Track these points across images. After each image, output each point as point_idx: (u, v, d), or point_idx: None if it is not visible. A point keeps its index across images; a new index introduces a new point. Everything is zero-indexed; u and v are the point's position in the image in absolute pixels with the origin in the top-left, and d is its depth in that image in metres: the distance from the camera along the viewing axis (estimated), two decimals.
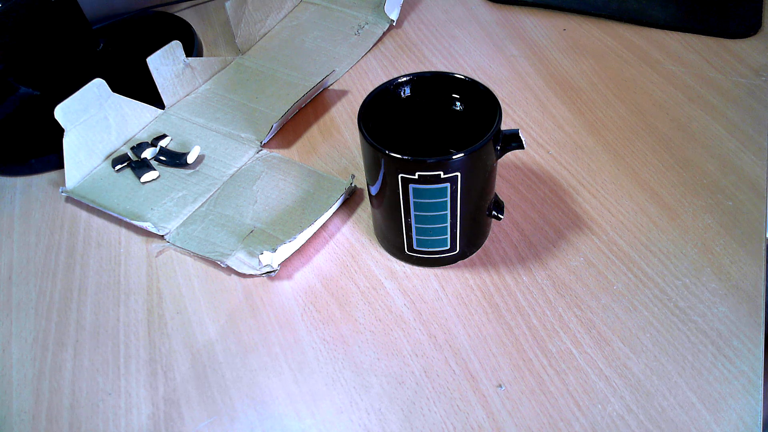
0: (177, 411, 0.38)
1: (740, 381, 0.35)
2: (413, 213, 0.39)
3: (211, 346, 0.41)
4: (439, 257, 0.42)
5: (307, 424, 0.36)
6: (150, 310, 0.43)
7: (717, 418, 0.34)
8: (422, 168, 0.36)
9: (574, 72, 0.57)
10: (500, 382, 0.37)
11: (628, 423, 0.34)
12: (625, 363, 0.37)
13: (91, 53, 0.63)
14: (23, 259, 0.48)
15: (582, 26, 0.62)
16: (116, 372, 0.40)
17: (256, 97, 0.58)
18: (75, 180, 0.52)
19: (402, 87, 0.42)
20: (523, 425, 0.35)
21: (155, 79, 0.55)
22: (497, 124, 0.37)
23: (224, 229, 0.47)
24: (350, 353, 0.39)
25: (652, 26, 0.61)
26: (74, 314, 0.44)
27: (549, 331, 0.39)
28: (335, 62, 0.61)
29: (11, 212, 0.52)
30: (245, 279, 0.44)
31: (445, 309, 0.41)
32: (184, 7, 0.73)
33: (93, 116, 0.52)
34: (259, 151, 0.53)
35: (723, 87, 0.53)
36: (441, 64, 0.60)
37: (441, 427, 0.35)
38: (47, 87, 0.61)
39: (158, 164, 0.53)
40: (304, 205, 0.48)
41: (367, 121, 0.39)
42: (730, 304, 0.39)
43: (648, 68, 0.56)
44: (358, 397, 0.37)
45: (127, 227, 0.49)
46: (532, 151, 0.50)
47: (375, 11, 0.66)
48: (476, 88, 0.40)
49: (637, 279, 0.41)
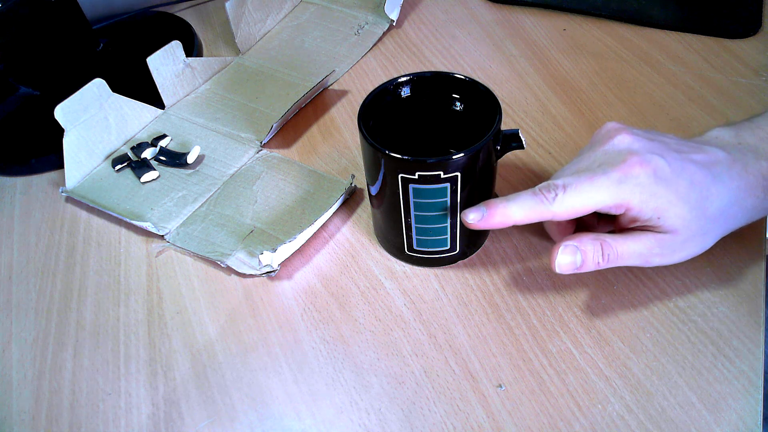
0: (177, 411, 0.38)
1: (740, 381, 0.35)
2: (413, 213, 0.39)
3: (211, 346, 0.41)
4: (439, 257, 0.42)
5: (307, 424, 0.36)
6: (150, 310, 0.43)
7: (717, 418, 0.34)
8: (422, 168, 0.36)
9: (574, 72, 0.57)
10: (500, 382, 0.37)
11: (628, 423, 0.34)
12: (625, 363, 0.37)
13: (91, 53, 0.63)
14: (23, 259, 0.48)
15: (582, 26, 0.62)
16: (116, 372, 0.40)
17: (256, 97, 0.58)
18: (75, 180, 0.52)
19: (402, 87, 0.42)
20: (523, 425, 0.35)
21: (155, 79, 0.55)
22: (497, 124, 0.37)
23: (224, 229, 0.47)
24: (350, 353, 0.39)
25: (652, 26, 0.61)
26: (74, 314, 0.44)
27: (549, 331, 0.39)
28: (335, 62, 0.61)
29: (11, 212, 0.52)
30: (245, 279, 0.44)
31: (445, 309, 0.41)
32: (184, 7, 0.73)
33: (93, 116, 0.52)
34: (259, 151, 0.53)
35: (723, 87, 0.53)
36: (441, 64, 0.60)
37: (441, 427, 0.35)
38: (47, 87, 0.61)
39: (158, 164, 0.53)
40: (304, 205, 0.48)
41: (367, 121, 0.39)
42: (730, 304, 0.39)
43: (648, 68, 0.56)
44: (358, 397, 0.37)
45: (127, 227, 0.49)
46: (532, 151, 0.50)
47: (375, 11, 0.66)
48: (476, 88, 0.40)
49: (637, 279, 0.41)
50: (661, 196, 0.34)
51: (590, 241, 0.36)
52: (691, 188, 0.34)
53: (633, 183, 0.34)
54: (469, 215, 0.36)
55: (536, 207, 0.35)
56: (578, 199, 0.34)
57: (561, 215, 0.35)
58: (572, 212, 0.35)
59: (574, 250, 0.36)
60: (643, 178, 0.34)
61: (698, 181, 0.35)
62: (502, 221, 0.36)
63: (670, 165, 0.34)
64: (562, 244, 0.36)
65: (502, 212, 0.36)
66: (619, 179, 0.34)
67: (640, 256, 0.36)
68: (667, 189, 0.34)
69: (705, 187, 0.35)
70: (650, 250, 0.36)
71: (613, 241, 0.36)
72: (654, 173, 0.34)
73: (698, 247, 0.36)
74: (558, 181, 0.35)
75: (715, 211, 0.35)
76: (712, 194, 0.35)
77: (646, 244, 0.36)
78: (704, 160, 0.35)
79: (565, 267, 0.36)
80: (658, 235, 0.35)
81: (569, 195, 0.34)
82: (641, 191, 0.34)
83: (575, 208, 0.35)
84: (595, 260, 0.36)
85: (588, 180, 0.35)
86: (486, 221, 0.36)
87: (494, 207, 0.36)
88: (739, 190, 0.35)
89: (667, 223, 0.35)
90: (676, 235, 0.35)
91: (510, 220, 0.36)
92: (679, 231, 0.35)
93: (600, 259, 0.36)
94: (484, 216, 0.36)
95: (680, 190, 0.34)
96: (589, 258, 0.36)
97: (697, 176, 0.35)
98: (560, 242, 0.36)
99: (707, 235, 0.36)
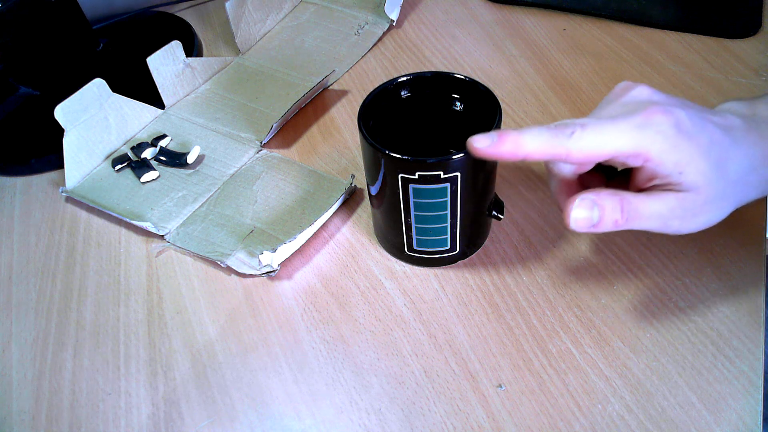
0: (177, 411, 0.38)
1: (740, 381, 0.35)
2: (413, 213, 0.39)
3: (211, 346, 0.41)
4: (439, 257, 0.42)
5: (307, 424, 0.36)
6: (150, 310, 0.43)
7: (717, 418, 0.34)
8: (422, 168, 0.36)
9: (574, 72, 0.57)
10: (500, 382, 0.37)
11: (628, 423, 0.34)
12: (625, 363, 0.37)
13: (91, 53, 0.63)
14: (23, 259, 0.48)
15: (582, 26, 0.62)
16: (116, 372, 0.40)
17: (256, 97, 0.58)
18: (75, 180, 0.52)
19: (402, 87, 0.42)
20: (523, 425, 0.35)
21: (155, 79, 0.55)
22: (497, 124, 0.37)
23: (224, 229, 0.47)
24: (350, 353, 0.39)
25: (652, 26, 0.61)
26: (74, 314, 0.44)
27: (549, 331, 0.39)
28: (335, 62, 0.61)
29: (11, 212, 0.52)
30: (245, 279, 0.44)
31: (445, 309, 0.41)
32: (184, 7, 0.73)
33: (93, 116, 0.52)
34: (259, 151, 0.53)
35: (723, 87, 0.53)
36: (441, 64, 0.60)
37: (441, 427, 0.35)
38: (47, 87, 0.61)
39: (158, 164, 0.53)
40: (304, 205, 0.48)
41: (367, 121, 0.39)
42: (730, 304, 0.39)
43: (648, 68, 0.56)
44: (358, 397, 0.37)
45: (127, 227, 0.49)
46: None
47: (375, 11, 0.66)
48: (476, 88, 0.40)
49: (637, 279, 0.41)
50: (683, 149, 0.32)
51: (609, 196, 0.33)
52: (712, 146, 0.33)
53: (654, 130, 0.32)
54: (477, 140, 0.33)
55: (551, 140, 0.32)
56: (597, 139, 0.32)
57: (575, 154, 0.32)
58: (588, 153, 0.32)
59: (591, 204, 0.33)
60: (665, 126, 0.32)
61: (718, 141, 0.33)
62: (512, 150, 0.33)
63: (690, 119, 0.33)
64: (578, 197, 0.33)
65: (514, 140, 0.33)
66: (640, 124, 0.32)
67: (660, 218, 0.34)
68: (689, 142, 0.32)
69: (724, 147, 0.33)
70: (671, 211, 0.33)
71: (633, 197, 0.33)
72: (676, 124, 0.32)
73: (717, 212, 0.34)
74: (577, 120, 0.33)
75: (734, 174, 0.33)
76: (731, 156, 0.33)
77: (667, 203, 0.33)
78: (722, 123, 0.34)
79: (581, 222, 0.33)
80: (679, 194, 0.33)
81: (588, 133, 0.32)
82: (663, 140, 0.32)
83: (591, 149, 0.32)
84: (613, 217, 0.33)
85: (609, 121, 0.33)
86: (495, 148, 0.33)
87: (505, 134, 0.33)
88: (756, 157, 0.34)
89: (689, 179, 0.32)
90: (698, 193, 0.33)
91: (521, 150, 0.32)
92: (701, 189, 0.33)
93: (618, 216, 0.33)
94: (493, 142, 0.33)
95: (702, 145, 0.32)
96: (608, 214, 0.33)
97: (716, 136, 0.33)
98: (576, 195, 0.33)
99: (726, 200, 0.34)
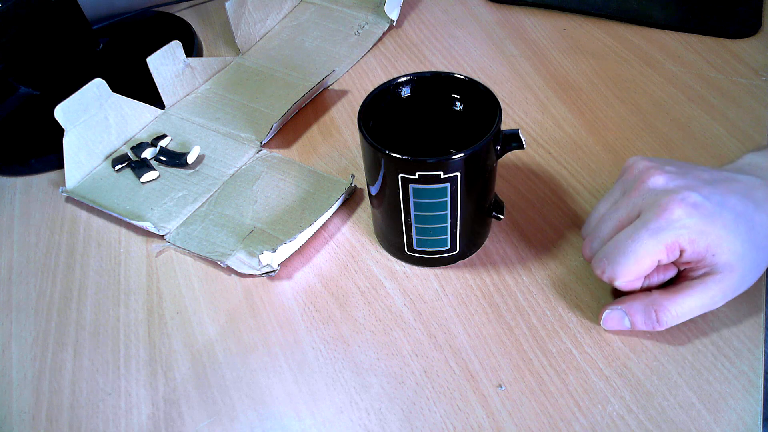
0: (177, 411, 0.38)
1: (740, 381, 0.35)
2: (413, 213, 0.39)
3: (211, 346, 0.41)
4: (439, 257, 0.42)
5: (307, 424, 0.36)
6: (150, 310, 0.43)
7: (717, 418, 0.34)
8: (422, 168, 0.36)
9: (574, 72, 0.57)
10: (500, 382, 0.37)
11: (628, 423, 0.34)
12: (625, 363, 0.37)
13: (91, 53, 0.63)
14: (23, 259, 0.48)
15: (582, 26, 0.62)
16: (116, 372, 0.40)
17: (256, 97, 0.58)
18: (75, 180, 0.52)
19: (402, 87, 0.42)
20: (523, 425, 0.35)
21: (155, 79, 0.55)
22: (497, 124, 0.37)
23: (224, 229, 0.47)
24: (350, 353, 0.39)
25: (652, 26, 0.61)
26: (74, 314, 0.44)
27: (549, 331, 0.39)
28: (335, 62, 0.61)
29: (11, 212, 0.52)
30: (245, 279, 0.44)
31: (445, 309, 0.41)
32: (184, 7, 0.73)
33: (93, 116, 0.52)
34: (259, 151, 0.53)
35: (723, 87, 0.53)
36: (441, 64, 0.60)
37: (441, 427, 0.35)
38: (47, 87, 0.61)
39: (158, 164, 0.53)
40: (304, 205, 0.48)
41: (367, 121, 0.39)
42: (730, 304, 0.38)
43: (648, 68, 0.56)
44: (358, 397, 0.37)
45: (127, 227, 0.49)
46: (532, 151, 0.50)
47: (375, 11, 0.66)
48: (476, 88, 0.40)
49: None
50: (709, 233, 0.33)
51: (642, 308, 0.36)
52: (738, 220, 0.33)
53: (679, 225, 0.33)
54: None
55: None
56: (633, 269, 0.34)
57: (623, 287, 0.36)
58: (631, 281, 0.35)
59: (621, 317, 0.36)
60: (686, 219, 0.33)
61: (741, 212, 0.33)
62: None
63: (709, 199, 0.33)
64: (608, 308, 0.36)
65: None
66: (664, 226, 0.33)
67: (703, 308, 0.35)
68: (713, 225, 0.33)
69: (749, 216, 0.34)
70: (712, 299, 0.35)
71: (668, 301, 0.35)
72: (696, 212, 0.33)
73: (752, 278, 0.35)
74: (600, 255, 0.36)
75: (763, 239, 0.34)
76: (756, 222, 0.34)
77: (707, 292, 0.34)
78: (742, 190, 0.34)
79: (612, 328, 0.37)
80: (716, 277, 0.34)
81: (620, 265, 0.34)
82: (688, 233, 0.33)
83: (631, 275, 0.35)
84: (648, 326, 0.36)
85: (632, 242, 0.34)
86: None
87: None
88: None
89: (722, 259, 0.33)
90: (732, 271, 0.34)
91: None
92: (734, 266, 0.34)
93: (653, 325, 0.36)
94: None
95: (728, 223, 0.33)
96: (639, 323, 0.36)
97: (739, 207, 0.34)
98: (608, 305, 0.36)
99: (760, 266, 0.35)
